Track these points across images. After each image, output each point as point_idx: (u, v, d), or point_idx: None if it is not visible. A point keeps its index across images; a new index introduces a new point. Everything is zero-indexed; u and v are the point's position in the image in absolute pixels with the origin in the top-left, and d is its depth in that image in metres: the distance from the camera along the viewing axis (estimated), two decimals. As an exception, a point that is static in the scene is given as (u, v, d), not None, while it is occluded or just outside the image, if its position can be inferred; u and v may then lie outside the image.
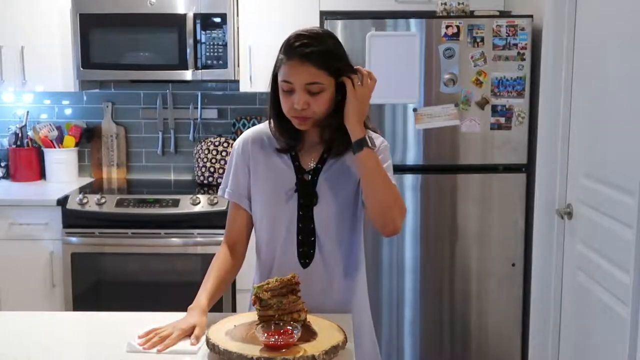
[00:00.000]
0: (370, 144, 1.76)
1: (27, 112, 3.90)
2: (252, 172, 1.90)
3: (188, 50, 3.45)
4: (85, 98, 3.98)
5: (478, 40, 3.14)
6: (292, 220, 1.85)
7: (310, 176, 1.86)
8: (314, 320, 1.67)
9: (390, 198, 1.79)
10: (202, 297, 1.79)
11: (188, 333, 1.68)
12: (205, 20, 3.45)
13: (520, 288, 3.29)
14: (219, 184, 3.72)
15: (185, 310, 1.77)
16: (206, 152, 3.74)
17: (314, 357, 1.48)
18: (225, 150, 3.70)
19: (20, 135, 3.85)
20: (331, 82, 1.76)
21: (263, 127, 1.94)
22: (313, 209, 1.84)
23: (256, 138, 1.92)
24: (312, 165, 1.87)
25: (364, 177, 1.79)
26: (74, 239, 3.35)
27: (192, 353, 1.59)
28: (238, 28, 3.54)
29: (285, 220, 1.86)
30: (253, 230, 1.95)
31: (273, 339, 1.52)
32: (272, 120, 1.89)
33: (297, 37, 1.75)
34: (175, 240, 3.35)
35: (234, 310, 3.35)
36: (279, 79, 1.78)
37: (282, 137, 1.87)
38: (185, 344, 1.63)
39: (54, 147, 3.82)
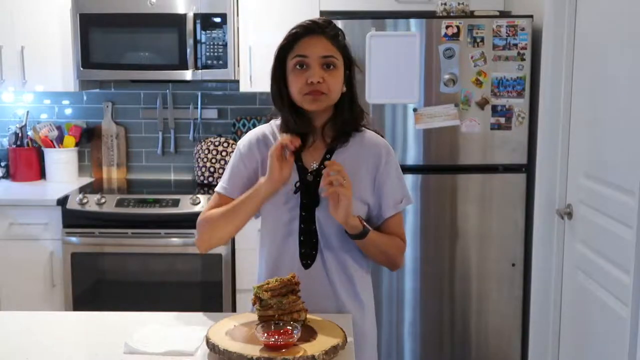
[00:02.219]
0: (368, 226, 1.80)
1: (27, 112, 3.89)
2: (260, 172, 1.86)
3: (188, 50, 3.45)
4: (85, 98, 3.98)
5: (478, 40, 3.14)
6: (294, 220, 1.84)
7: (312, 177, 1.84)
8: (314, 320, 1.67)
9: (393, 253, 1.89)
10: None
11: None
12: (205, 20, 3.45)
13: (520, 288, 3.29)
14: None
15: (185, 309, 1.76)
16: (206, 152, 3.74)
17: (314, 357, 1.48)
18: (225, 150, 3.70)
19: (20, 135, 3.85)
20: (342, 63, 1.81)
21: (266, 127, 1.93)
22: (315, 211, 1.84)
23: (261, 139, 1.90)
24: (314, 166, 1.85)
25: (370, 253, 1.87)
26: (74, 239, 3.34)
27: (190, 354, 1.59)
28: (238, 28, 3.54)
29: (288, 219, 1.85)
30: (257, 229, 1.94)
31: (273, 339, 1.52)
32: (278, 114, 1.88)
33: (307, 21, 1.84)
34: (175, 240, 3.35)
35: (234, 310, 3.35)
36: (291, 56, 1.80)
37: (293, 125, 1.83)
38: (185, 344, 1.63)
39: (54, 147, 3.82)
